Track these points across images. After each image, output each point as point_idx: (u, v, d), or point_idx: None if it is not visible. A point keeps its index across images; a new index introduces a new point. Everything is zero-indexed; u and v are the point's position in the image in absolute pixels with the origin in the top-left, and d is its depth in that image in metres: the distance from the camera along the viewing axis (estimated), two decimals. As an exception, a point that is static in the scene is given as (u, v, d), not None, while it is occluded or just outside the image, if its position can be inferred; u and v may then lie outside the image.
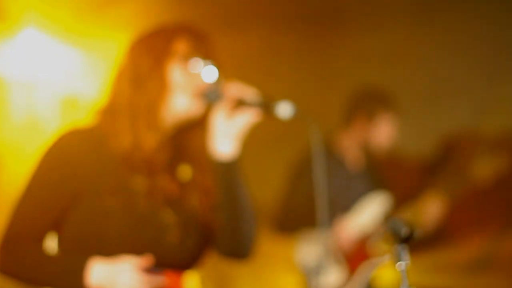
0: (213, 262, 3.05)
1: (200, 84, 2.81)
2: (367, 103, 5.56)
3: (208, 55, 2.84)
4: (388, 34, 7.30)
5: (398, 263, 2.43)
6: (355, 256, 5.53)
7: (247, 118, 2.76)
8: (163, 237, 2.75)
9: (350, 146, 5.66)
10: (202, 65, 2.82)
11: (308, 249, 5.57)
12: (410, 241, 2.43)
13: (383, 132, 5.59)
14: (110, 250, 2.69)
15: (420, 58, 7.14)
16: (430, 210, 5.37)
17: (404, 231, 2.40)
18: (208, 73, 2.83)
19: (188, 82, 2.81)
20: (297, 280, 5.70)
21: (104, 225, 2.72)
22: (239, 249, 2.95)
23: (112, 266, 2.62)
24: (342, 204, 5.58)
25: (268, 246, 3.03)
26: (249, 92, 2.76)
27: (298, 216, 5.45)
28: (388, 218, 2.39)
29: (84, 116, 3.91)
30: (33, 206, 2.79)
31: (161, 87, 2.77)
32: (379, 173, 5.81)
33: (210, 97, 2.78)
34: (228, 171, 2.81)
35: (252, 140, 2.92)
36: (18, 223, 2.78)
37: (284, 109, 2.64)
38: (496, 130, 6.24)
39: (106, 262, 2.64)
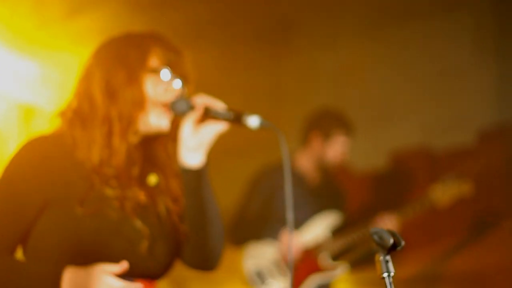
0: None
1: (169, 96, 2.80)
2: (323, 123, 5.73)
3: (178, 69, 2.84)
4: (339, 51, 7.38)
5: (384, 273, 2.44)
6: (303, 269, 5.58)
7: (214, 128, 2.75)
8: (134, 247, 2.72)
9: (307, 163, 5.79)
10: (171, 77, 2.81)
11: (255, 260, 5.62)
12: (393, 251, 2.45)
13: (337, 150, 5.74)
14: (80, 259, 2.63)
15: (370, 75, 7.23)
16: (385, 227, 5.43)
17: (391, 241, 2.41)
18: (177, 85, 2.82)
19: (159, 94, 2.79)
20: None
21: (74, 234, 2.67)
22: (205, 261, 2.94)
23: (86, 273, 2.54)
24: (297, 219, 5.63)
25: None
26: (216, 104, 2.76)
27: (249, 228, 5.59)
28: (373, 229, 2.38)
29: (44, 125, 3.88)
30: (2, 217, 2.71)
31: (137, 100, 2.75)
32: (335, 189, 5.90)
33: (178, 108, 2.78)
34: (194, 181, 2.79)
35: (216, 151, 2.93)
36: None
37: (253, 120, 2.66)
38: (445, 148, 6.32)
39: (79, 269, 2.57)
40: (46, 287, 2.60)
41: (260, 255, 5.64)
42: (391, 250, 2.46)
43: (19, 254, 2.81)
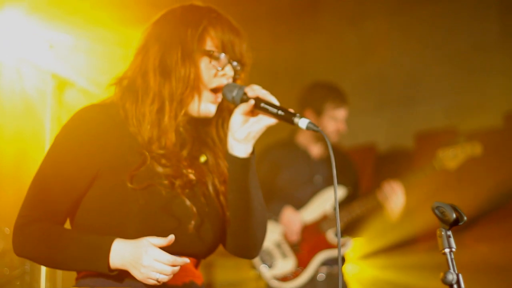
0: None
1: (223, 80, 2.79)
2: (314, 100, 5.66)
3: (235, 51, 2.81)
4: (365, 28, 7.36)
5: (446, 249, 2.43)
6: (310, 246, 5.57)
7: (264, 122, 2.72)
8: (181, 225, 2.70)
9: (305, 140, 5.76)
10: (227, 61, 2.79)
11: None
12: (456, 226, 2.44)
13: (332, 125, 5.66)
14: (128, 233, 2.62)
15: (395, 54, 7.20)
16: (394, 198, 5.42)
17: (453, 216, 2.40)
18: (231, 70, 2.81)
19: (211, 77, 2.78)
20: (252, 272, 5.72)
21: (123, 208, 2.66)
22: (245, 248, 2.93)
23: (133, 245, 2.54)
24: (304, 195, 5.64)
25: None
26: (268, 97, 2.73)
27: None
28: (435, 203, 2.37)
29: (77, 97, 3.85)
30: (53, 183, 2.70)
31: (189, 81, 2.73)
32: (344, 162, 5.83)
33: (229, 94, 2.76)
34: (240, 171, 2.77)
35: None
36: (37, 202, 2.69)
37: (302, 122, 2.62)
38: (470, 129, 6.29)
39: (127, 241, 2.56)
40: (95, 257, 2.59)
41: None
42: (453, 225, 2.45)
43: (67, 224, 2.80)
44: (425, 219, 5.93)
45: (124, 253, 2.55)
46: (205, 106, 2.78)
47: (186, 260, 2.55)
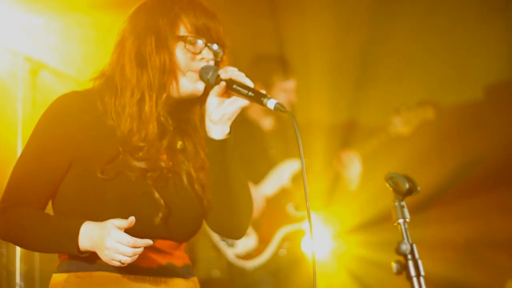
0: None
1: (202, 63, 2.80)
2: (262, 73, 5.60)
3: (212, 34, 2.82)
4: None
5: (399, 219, 2.43)
6: (271, 223, 5.56)
7: (238, 103, 2.75)
8: (150, 216, 2.72)
9: (256, 113, 5.74)
10: (203, 45, 2.80)
11: None
12: (409, 196, 2.44)
13: (282, 99, 5.59)
14: (98, 218, 2.62)
15: (379, 33, 7.18)
16: (350, 166, 5.42)
17: (406, 186, 2.40)
18: (209, 52, 2.82)
19: (190, 61, 2.79)
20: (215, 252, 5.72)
21: (94, 195, 2.69)
22: (230, 229, 2.96)
23: (99, 227, 2.56)
24: (261, 168, 5.62)
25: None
26: (242, 78, 2.76)
27: None
28: (389, 174, 2.38)
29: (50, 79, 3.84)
30: (32, 169, 2.75)
31: (166, 68, 2.74)
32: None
33: (204, 76, 2.77)
34: (219, 152, 2.80)
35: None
36: (17, 187, 2.75)
37: (270, 102, 2.64)
38: (451, 104, 6.28)
39: (95, 223, 2.59)
40: (66, 240, 2.62)
41: None
42: (406, 195, 2.46)
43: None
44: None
45: (91, 235, 2.58)
46: (190, 85, 2.79)
47: (148, 241, 2.55)
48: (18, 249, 4.53)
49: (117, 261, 2.54)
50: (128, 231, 2.59)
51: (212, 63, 2.82)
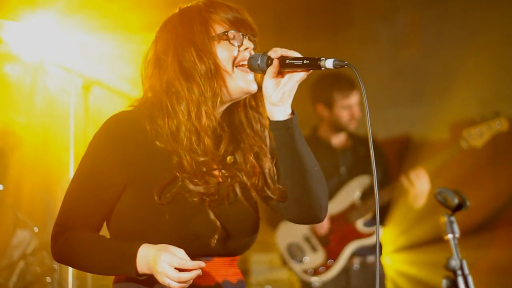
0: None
1: (245, 54, 2.76)
2: (321, 93, 5.61)
3: (244, 26, 2.80)
4: (397, 21, 7.32)
5: (449, 234, 2.40)
6: (339, 238, 5.54)
7: (295, 78, 2.69)
8: (210, 234, 2.69)
9: (327, 133, 5.72)
10: (241, 37, 2.77)
11: (286, 237, 5.61)
12: (460, 212, 2.41)
13: (346, 114, 5.60)
14: (155, 240, 2.61)
15: (428, 46, 7.15)
16: (419, 183, 5.36)
17: (456, 201, 2.38)
18: (249, 42, 2.79)
19: (235, 57, 2.75)
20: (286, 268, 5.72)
21: (153, 219, 2.67)
22: (311, 213, 2.88)
23: (155, 248, 2.55)
24: (331, 185, 5.61)
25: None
26: (291, 53, 2.69)
27: None
28: (437, 188, 2.35)
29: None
30: (86, 190, 2.72)
31: (212, 72, 2.71)
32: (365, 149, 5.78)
33: (255, 64, 2.73)
34: (285, 134, 2.74)
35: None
36: (72, 210, 2.74)
37: (329, 62, 2.58)
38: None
39: (152, 246, 2.57)
40: (123, 263, 2.61)
41: (290, 232, 5.61)
42: (456, 210, 2.43)
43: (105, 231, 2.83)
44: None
45: (148, 258, 2.56)
46: (243, 83, 2.76)
47: (200, 263, 2.52)
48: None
49: (166, 284, 2.52)
50: (185, 251, 2.58)
51: (252, 53, 2.78)
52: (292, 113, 2.73)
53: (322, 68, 2.62)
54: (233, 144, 2.86)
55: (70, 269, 4.47)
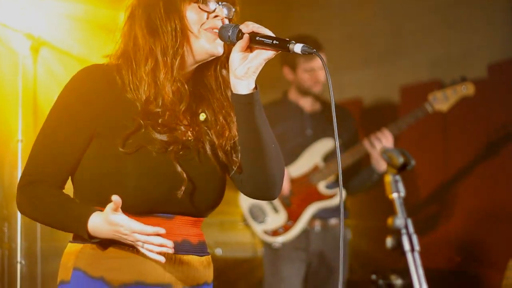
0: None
1: (218, 23, 2.77)
2: (287, 55, 5.60)
3: None
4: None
5: (394, 193, 2.41)
6: (301, 200, 5.57)
7: (262, 55, 2.70)
8: (172, 189, 2.71)
9: (296, 96, 5.77)
10: (216, 4, 2.78)
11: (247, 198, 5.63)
12: (405, 170, 2.42)
13: (310, 78, 5.66)
14: (126, 195, 2.61)
15: (377, 8, 7.17)
16: (383, 143, 5.37)
17: (401, 160, 2.38)
18: (223, 11, 2.80)
19: (204, 21, 2.76)
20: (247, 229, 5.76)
21: (118, 171, 2.68)
22: (265, 189, 2.90)
23: (105, 224, 2.58)
24: (296, 147, 5.64)
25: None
26: (263, 30, 2.69)
27: None
28: (383, 148, 2.37)
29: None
30: (52, 143, 2.75)
31: (177, 31, 2.73)
32: (340, 113, 5.81)
33: (225, 34, 2.74)
34: (246, 108, 2.75)
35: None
36: (37, 163, 2.76)
37: (297, 46, 2.61)
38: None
39: (100, 222, 2.59)
40: (76, 228, 2.66)
41: None
42: (401, 169, 2.44)
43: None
44: (417, 164, 5.94)
45: (102, 232, 2.61)
46: (208, 45, 2.77)
47: (159, 229, 2.54)
48: (19, 227, 4.56)
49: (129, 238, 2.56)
50: (147, 205, 2.65)
51: (227, 21, 2.80)
52: (256, 88, 2.74)
53: (290, 51, 2.64)
54: (205, 104, 2.89)
55: (19, 230, 4.50)
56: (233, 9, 2.84)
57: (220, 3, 2.80)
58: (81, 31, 4.99)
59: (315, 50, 2.63)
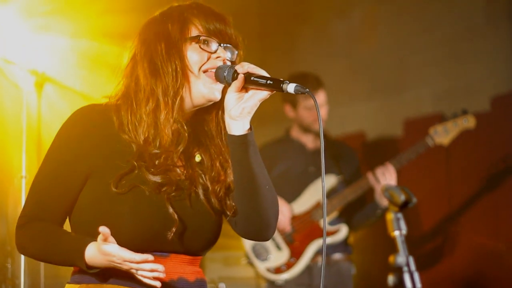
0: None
1: (216, 62, 2.78)
2: (288, 94, 5.60)
3: (225, 36, 2.82)
4: (352, 17, 7.36)
5: (395, 231, 2.42)
6: (304, 237, 5.56)
7: (257, 96, 2.72)
8: (163, 230, 2.70)
9: (298, 134, 5.76)
10: (217, 45, 2.79)
11: None
12: (407, 208, 2.43)
13: (308, 117, 5.66)
14: (122, 234, 2.64)
15: (381, 43, 7.19)
16: (385, 181, 5.36)
17: (402, 197, 2.39)
18: (224, 52, 2.81)
19: (204, 62, 2.77)
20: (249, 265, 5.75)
21: (112, 210, 2.69)
22: (259, 230, 2.91)
23: (95, 246, 2.59)
24: (299, 184, 5.64)
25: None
26: (258, 71, 2.72)
27: None
28: (385, 185, 2.38)
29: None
30: (49, 183, 2.76)
31: (178, 72, 2.74)
32: (343, 150, 5.83)
33: (221, 75, 2.76)
34: (241, 149, 2.76)
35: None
36: (35, 202, 2.77)
37: (290, 86, 2.63)
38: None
39: (95, 252, 2.59)
40: (75, 258, 2.65)
41: None
42: (403, 207, 2.45)
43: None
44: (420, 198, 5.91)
45: (97, 260, 2.61)
46: (205, 90, 2.78)
47: (147, 256, 2.54)
48: (22, 263, 4.54)
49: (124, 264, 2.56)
50: (141, 244, 2.64)
51: (228, 63, 2.80)
52: (250, 129, 2.75)
53: (284, 91, 2.66)
54: (202, 148, 2.89)
55: (22, 266, 4.49)
56: (236, 52, 2.85)
57: (222, 44, 2.81)
58: (85, 67, 5.02)
59: (307, 90, 2.64)
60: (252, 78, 2.70)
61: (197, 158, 2.87)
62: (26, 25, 4.97)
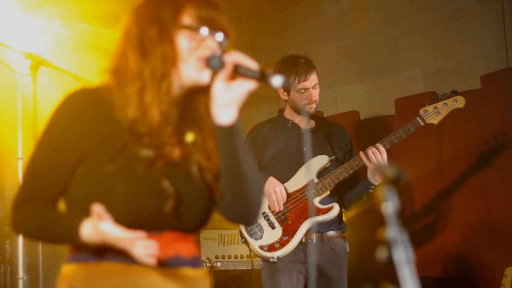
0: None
1: (207, 52, 2.78)
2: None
3: (216, 24, 2.81)
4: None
5: (385, 204, 2.43)
6: (296, 216, 5.60)
7: (244, 86, 2.73)
8: (159, 205, 2.74)
9: (291, 113, 5.80)
10: (208, 33, 2.78)
11: None
12: (398, 183, 2.45)
13: (303, 97, 5.63)
14: (116, 213, 2.65)
15: (372, 23, 7.22)
16: (377, 159, 5.39)
17: (394, 173, 2.42)
18: (214, 41, 2.80)
19: (194, 49, 2.78)
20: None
21: (106, 189, 2.71)
22: (243, 215, 2.98)
23: (90, 224, 2.63)
24: (294, 164, 5.68)
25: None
26: (246, 62, 2.72)
27: None
28: (377, 165, 2.40)
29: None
30: (43, 165, 2.79)
31: (167, 57, 2.76)
32: (335, 129, 5.86)
33: (211, 64, 2.76)
34: (227, 138, 2.79)
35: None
36: (30, 184, 2.80)
37: (276, 79, 2.63)
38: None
39: (92, 230, 2.63)
40: (71, 238, 2.68)
41: None
42: (395, 182, 2.47)
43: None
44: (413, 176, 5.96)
45: (93, 238, 2.63)
46: (194, 73, 2.79)
47: (140, 234, 2.60)
48: (20, 243, 4.56)
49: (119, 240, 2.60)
50: (136, 221, 2.66)
51: (218, 52, 2.79)
52: (237, 118, 2.79)
53: (271, 85, 2.67)
54: (195, 128, 2.91)
55: (20, 246, 4.51)
56: (227, 39, 2.86)
57: (213, 32, 2.82)
58: (79, 50, 5.04)
59: (293, 84, 2.66)
60: (240, 69, 2.72)
61: (190, 137, 2.90)
62: (21, 9, 4.98)
